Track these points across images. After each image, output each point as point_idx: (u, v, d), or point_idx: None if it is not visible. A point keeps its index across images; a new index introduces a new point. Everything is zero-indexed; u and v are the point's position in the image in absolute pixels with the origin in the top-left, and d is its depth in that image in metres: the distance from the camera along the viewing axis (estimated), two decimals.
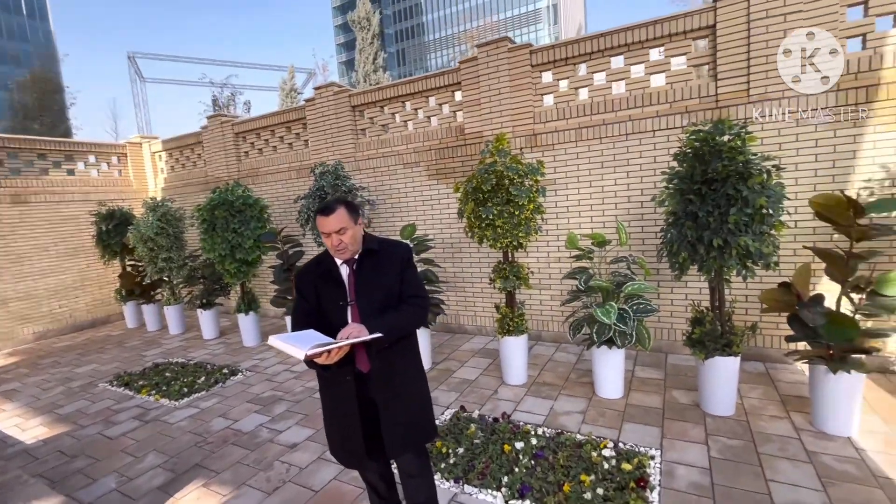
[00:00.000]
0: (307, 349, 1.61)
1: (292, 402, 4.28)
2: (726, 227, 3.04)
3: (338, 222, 1.90)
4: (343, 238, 1.92)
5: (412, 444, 2.06)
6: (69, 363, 6.17)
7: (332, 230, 1.90)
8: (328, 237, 1.93)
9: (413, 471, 2.14)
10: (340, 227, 1.90)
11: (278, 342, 1.70)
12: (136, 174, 9.12)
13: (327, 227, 1.90)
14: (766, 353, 4.30)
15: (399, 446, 2.01)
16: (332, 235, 1.91)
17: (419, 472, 2.16)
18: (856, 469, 2.72)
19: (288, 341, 1.69)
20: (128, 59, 36.06)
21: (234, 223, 5.74)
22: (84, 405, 4.65)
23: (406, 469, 2.14)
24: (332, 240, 1.92)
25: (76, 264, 8.06)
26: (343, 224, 1.91)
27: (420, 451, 2.15)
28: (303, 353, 1.61)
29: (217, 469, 3.25)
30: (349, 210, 1.95)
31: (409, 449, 2.06)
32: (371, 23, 27.96)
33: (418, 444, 2.10)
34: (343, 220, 1.91)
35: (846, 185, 3.85)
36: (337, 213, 1.91)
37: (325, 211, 1.91)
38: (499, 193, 3.90)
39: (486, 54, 5.26)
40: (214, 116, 7.92)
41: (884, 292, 2.92)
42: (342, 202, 1.96)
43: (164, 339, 7.05)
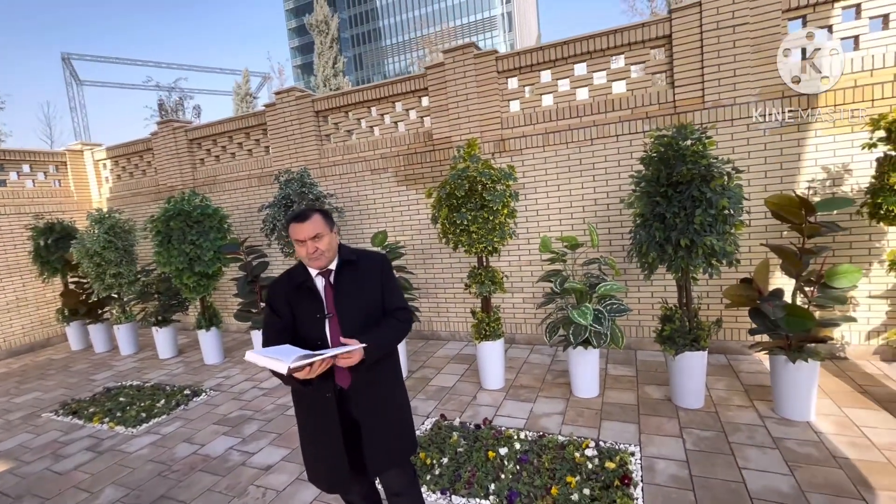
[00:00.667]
0: (290, 362, 1.51)
1: (263, 422, 4.08)
2: (692, 228, 3.18)
3: (313, 228, 1.83)
4: (319, 245, 1.85)
5: (396, 459, 2.00)
6: (6, 392, 5.61)
7: (308, 237, 1.83)
8: (302, 244, 1.85)
9: (399, 488, 2.06)
10: (316, 234, 1.83)
11: (257, 357, 1.59)
12: (77, 184, 8.46)
13: (302, 234, 1.83)
14: (727, 345, 4.54)
15: (383, 463, 1.94)
16: (307, 242, 1.84)
17: (406, 489, 2.08)
18: (817, 451, 2.90)
19: (267, 355, 1.59)
20: (62, 61, 33.65)
21: (191, 234, 5.43)
22: (26, 438, 4.24)
23: (392, 487, 2.06)
24: (307, 247, 1.85)
25: (10, 283, 7.36)
26: (318, 230, 1.84)
27: (405, 465, 2.08)
28: (285, 367, 1.51)
29: (185, 499, 3.04)
30: (324, 217, 1.90)
31: (394, 465, 2.00)
32: (329, 26, 27.45)
33: (402, 458, 2.03)
34: (318, 226, 1.85)
35: (793, 186, 4.14)
36: (312, 219, 1.85)
37: (298, 217, 1.86)
38: (472, 199, 3.90)
39: (452, 60, 5.27)
40: (166, 122, 7.49)
41: (833, 284, 3.15)
42: (316, 210, 1.91)
43: (115, 360, 6.56)
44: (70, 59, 34.43)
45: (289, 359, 1.53)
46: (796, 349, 3.19)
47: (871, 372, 3.89)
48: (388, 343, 1.89)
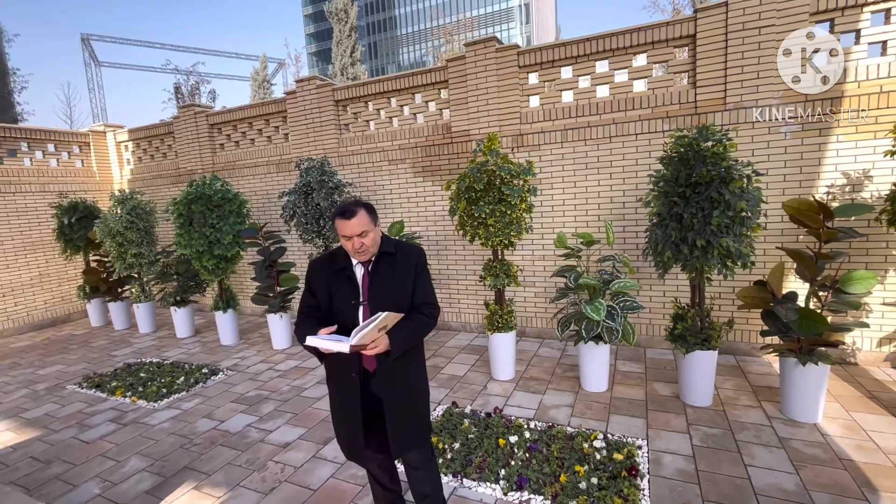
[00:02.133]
0: (351, 341, 1.69)
1: (279, 402, 4.21)
2: (709, 229, 3.21)
3: (359, 225, 1.88)
4: (364, 241, 1.91)
5: (416, 443, 2.11)
6: (30, 364, 5.82)
7: (354, 233, 1.88)
8: (349, 240, 1.91)
9: (418, 463, 2.20)
10: (362, 231, 1.89)
11: (318, 341, 1.76)
12: (99, 165, 8.64)
13: (349, 231, 1.88)
14: (736, 346, 4.57)
15: (404, 446, 2.06)
16: (353, 238, 1.90)
17: (423, 465, 2.21)
18: (823, 453, 2.95)
19: (326, 338, 1.78)
20: (81, 42, 33.96)
21: (211, 218, 5.56)
22: (53, 408, 4.42)
23: (411, 462, 2.20)
24: (353, 243, 1.91)
25: (34, 259, 7.59)
26: (364, 227, 1.89)
27: (424, 445, 2.19)
28: (347, 346, 1.69)
29: (208, 471, 3.18)
30: (369, 212, 1.94)
31: (414, 447, 2.12)
32: (349, 14, 27.36)
33: (421, 440, 2.14)
34: (364, 222, 1.89)
35: (811, 190, 4.14)
36: (358, 216, 1.88)
37: (345, 214, 1.89)
38: (490, 192, 3.96)
39: (473, 53, 5.30)
40: (187, 107, 7.62)
41: (848, 290, 3.17)
42: (361, 204, 1.94)
43: (134, 338, 6.75)
44: (90, 40, 34.74)
45: (348, 340, 1.71)
46: (807, 352, 3.23)
47: (881, 378, 3.91)
48: (413, 338, 1.98)
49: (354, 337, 1.70)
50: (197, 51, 38.08)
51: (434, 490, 2.26)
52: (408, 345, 1.94)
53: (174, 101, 29.29)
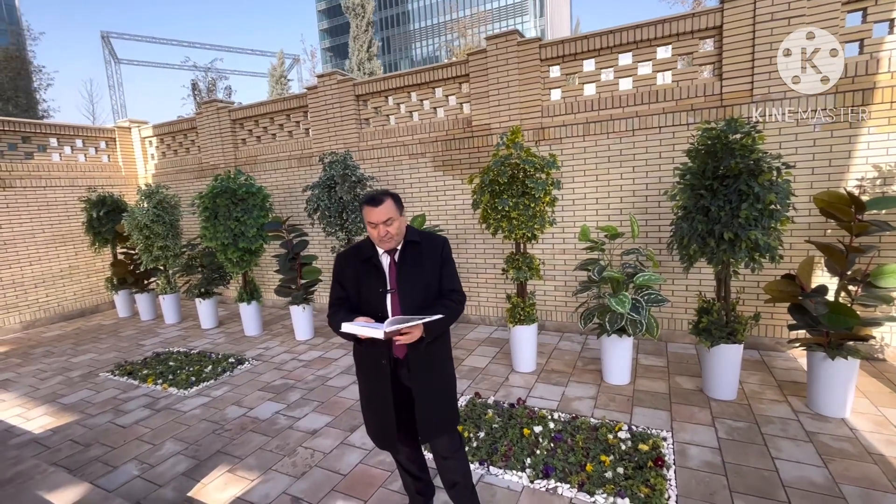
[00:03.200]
0: (386, 327, 1.76)
1: (305, 390, 4.31)
2: (737, 222, 3.19)
3: (386, 212, 1.93)
4: (390, 229, 1.96)
5: (444, 429, 2.15)
6: (63, 353, 6.03)
7: (380, 220, 1.94)
8: (374, 227, 1.96)
9: (447, 452, 2.23)
10: (388, 218, 1.94)
11: (353, 327, 1.83)
12: (125, 160, 8.86)
13: (375, 217, 1.94)
14: (760, 341, 4.54)
15: (432, 432, 2.10)
16: (378, 226, 1.95)
17: (453, 454, 2.24)
18: (852, 447, 2.94)
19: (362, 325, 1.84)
20: (101, 39, 34.60)
21: (236, 212, 5.68)
22: (88, 395, 4.59)
23: (440, 451, 2.23)
24: (378, 230, 1.96)
25: (64, 252, 7.83)
26: (391, 215, 1.95)
27: (453, 433, 2.23)
28: (381, 332, 1.75)
29: (240, 455, 3.28)
30: (395, 202, 1.99)
31: (441, 434, 2.15)
32: (366, 10, 27.40)
33: (449, 428, 2.18)
34: (391, 210, 1.95)
35: (840, 184, 4.07)
36: (385, 203, 1.94)
37: (372, 201, 1.94)
38: (514, 185, 3.99)
39: (495, 47, 5.30)
40: (209, 102, 7.75)
41: (880, 284, 3.13)
42: (388, 194, 2.00)
43: (161, 328, 6.94)
44: (109, 38, 35.38)
45: (382, 326, 1.77)
46: (835, 346, 3.20)
47: None
48: (443, 323, 2.00)
49: (390, 326, 1.75)
50: (213, 47, 38.54)
51: (464, 478, 2.30)
52: (438, 331, 2.00)
53: (192, 98, 29.71)
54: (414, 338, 1.87)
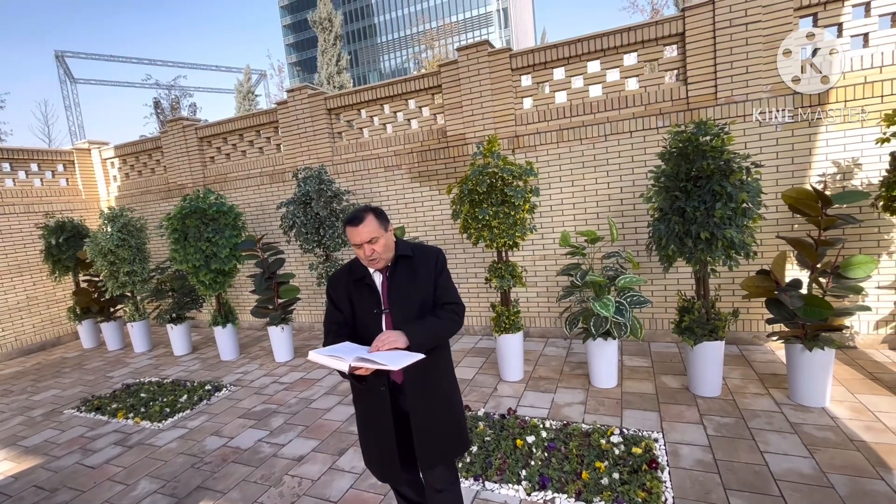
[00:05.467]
0: (350, 361, 1.61)
1: (289, 415, 4.15)
2: (712, 221, 3.27)
3: (368, 232, 1.82)
4: (375, 248, 1.84)
5: (445, 456, 2.01)
6: (23, 391, 5.64)
7: (364, 240, 1.82)
8: (359, 248, 1.86)
9: (442, 485, 2.08)
10: (372, 237, 1.83)
11: (320, 357, 1.67)
12: (85, 183, 8.46)
13: (358, 238, 1.82)
14: (739, 336, 4.65)
15: (432, 459, 1.96)
16: (363, 246, 1.84)
17: (448, 487, 2.10)
18: (834, 436, 3.01)
19: (330, 354, 1.68)
20: (56, 59, 33.27)
21: (207, 232, 5.47)
22: (52, 434, 4.29)
23: (434, 484, 2.07)
24: (363, 250, 1.85)
25: (21, 282, 7.38)
26: (374, 233, 1.83)
27: (450, 464, 2.09)
28: (346, 365, 1.61)
29: (222, 489, 3.11)
30: (378, 217, 1.87)
31: (443, 460, 2.01)
32: (333, 24, 27.34)
33: (450, 456, 2.04)
34: (374, 229, 1.83)
35: (804, 180, 4.24)
36: (366, 221, 1.82)
37: (353, 221, 1.83)
38: (493, 194, 3.98)
39: (466, 58, 5.34)
40: (175, 120, 7.51)
41: (848, 275, 3.26)
42: (369, 210, 1.87)
43: (130, 357, 6.60)
44: (64, 57, 34.05)
45: (349, 357, 1.62)
46: (812, 338, 3.30)
47: (881, 360, 4.02)
48: (433, 332, 1.84)
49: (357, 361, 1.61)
50: (176, 64, 37.48)
51: None
52: (431, 342, 1.80)
53: (154, 116, 28.87)
54: (397, 344, 1.70)
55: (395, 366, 1.59)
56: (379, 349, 1.69)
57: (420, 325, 1.83)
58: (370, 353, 1.66)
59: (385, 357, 1.63)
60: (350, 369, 1.62)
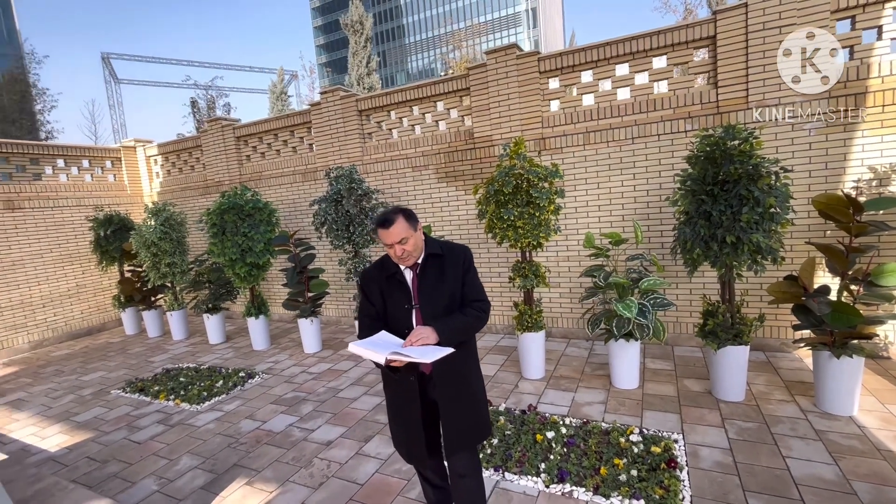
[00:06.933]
0: (387, 354, 1.76)
1: (317, 402, 4.35)
2: (739, 225, 3.28)
3: (398, 233, 1.93)
4: (406, 247, 1.96)
5: (470, 442, 2.13)
6: (73, 371, 6.07)
7: (394, 241, 1.93)
8: (390, 248, 1.97)
9: (465, 470, 2.19)
10: (402, 238, 1.93)
11: (358, 349, 1.83)
12: (130, 178, 8.97)
13: (389, 239, 1.94)
14: (765, 342, 4.59)
15: (457, 446, 2.08)
16: (394, 246, 1.95)
17: (471, 472, 2.21)
18: (861, 444, 2.98)
19: (367, 347, 1.83)
20: (102, 60, 35.07)
21: (243, 227, 5.76)
22: (101, 412, 4.62)
23: (458, 469, 2.17)
24: (395, 250, 1.96)
25: (71, 271, 7.90)
26: (404, 234, 1.94)
27: (473, 451, 2.21)
28: (383, 358, 1.76)
29: (257, 468, 3.32)
30: (407, 218, 1.98)
31: (467, 447, 2.13)
32: (364, 26, 27.85)
33: (473, 442, 2.16)
34: (403, 229, 1.94)
35: (837, 186, 4.17)
36: (396, 223, 1.93)
37: (384, 223, 1.94)
38: (519, 195, 4.07)
39: (494, 61, 5.44)
40: (214, 120, 7.89)
41: (881, 283, 3.20)
42: (399, 211, 1.98)
43: (169, 344, 6.98)
44: (109, 59, 35.84)
45: (386, 351, 1.78)
46: (840, 345, 3.26)
47: None
48: (461, 329, 1.96)
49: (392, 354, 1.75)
50: (213, 65, 38.97)
51: (479, 500, 2.25)
52: (457, 338, 1.92)
53: (192, 116, 30.05)
54: (429, 340, 1.86)
55: (428, 359, 1.74)
56: (413, 344, 1.84)
57: (449, 321, 1.96)
58: (404, 348, 1.81)
59: (418, 352, 1.79)
60: (386, 362, 1.77)
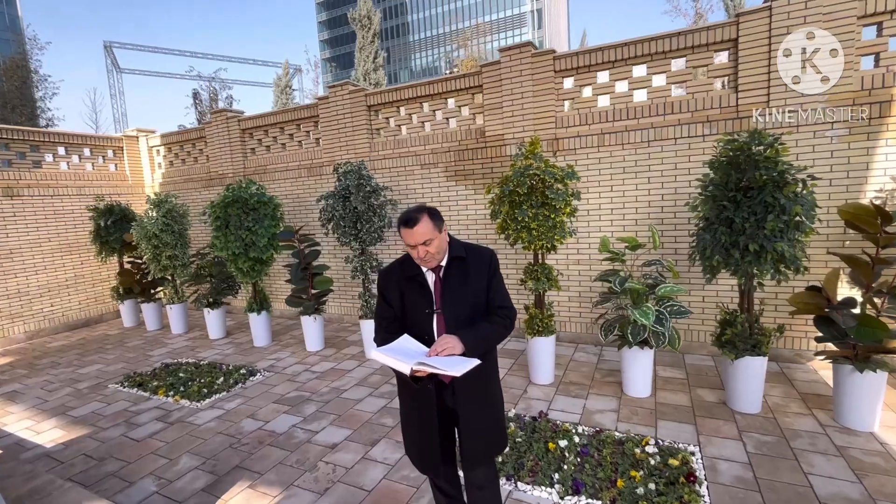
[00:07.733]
0: (412, 363, 1.66)
1: (321, 403, 4.25)
2: (762, 233, 3.18)
3: (423, 234, 1.82)
4: (429, 249, 1.84)
5: (487, 455, 2.04)
6: (70, 363, 5.95)
7: (418, 242, 1.82)
8: (413, 248, 1.86)
9: (483, 482, 2.10)
10: (426, 239, 1.82)
11: (381, 356, 1.72)
12: (132, 169, 8.84)
13: (412, 240, 1.83)
14: (779, 352, 4.51)
15: (476, 459, 1.99)
16: (417, 247, 1.84)
17: (488, 484, 2.12)
18: (884, 462, 2.89)
19: (390, 355, 1.72)
20: (104, 49, 34.81)
21: (247, 221, 5.64)
22: (98, 407, 4.51)
23: (476, 481, 2.08)
24: (417, 251, 1.85)
25: (70, 261, 7.77)
26: (428, 235, 1.82)
27: (490, 462, 2.11)
28: (408, 369, 1.66)
29: (259, 470, 3.21)
30: (433, 218, 1.86)
31: (487, 458, 2.04)
32: (372, 21, 27.70)
33: (494, 455, 2.07)
34: (428, 230, 1.83)
35: (859, 195, 4.08)
36: (421, 223, 1.82)
37: (408, 222, 1.83)
38: (533, 196, 3.97)
39: (508, 59, 5.33)
40: (219, 112, 7.76)
41: None
42: (424, 210, 1.86)
43: (168, 338, 6.87)
44: (112, 48, 35.59)
45: (411, 361, 1.67)
46: (863, 359, 3.17)
47: None
48: (487, 338, 1.87)
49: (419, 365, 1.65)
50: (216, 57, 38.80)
51: None
52: (483, 348, 1.84)
53: (194, 108, 29.83)
54: (455, 351, 1.76)
55: (455, 372, 1.63)
56: (438, 354, 1.73)
57: (475, 330, 1.85)
58: (429, 358, 1.70)
59: (444, 362, 1.68)
60: (411, 372, 1.67)
